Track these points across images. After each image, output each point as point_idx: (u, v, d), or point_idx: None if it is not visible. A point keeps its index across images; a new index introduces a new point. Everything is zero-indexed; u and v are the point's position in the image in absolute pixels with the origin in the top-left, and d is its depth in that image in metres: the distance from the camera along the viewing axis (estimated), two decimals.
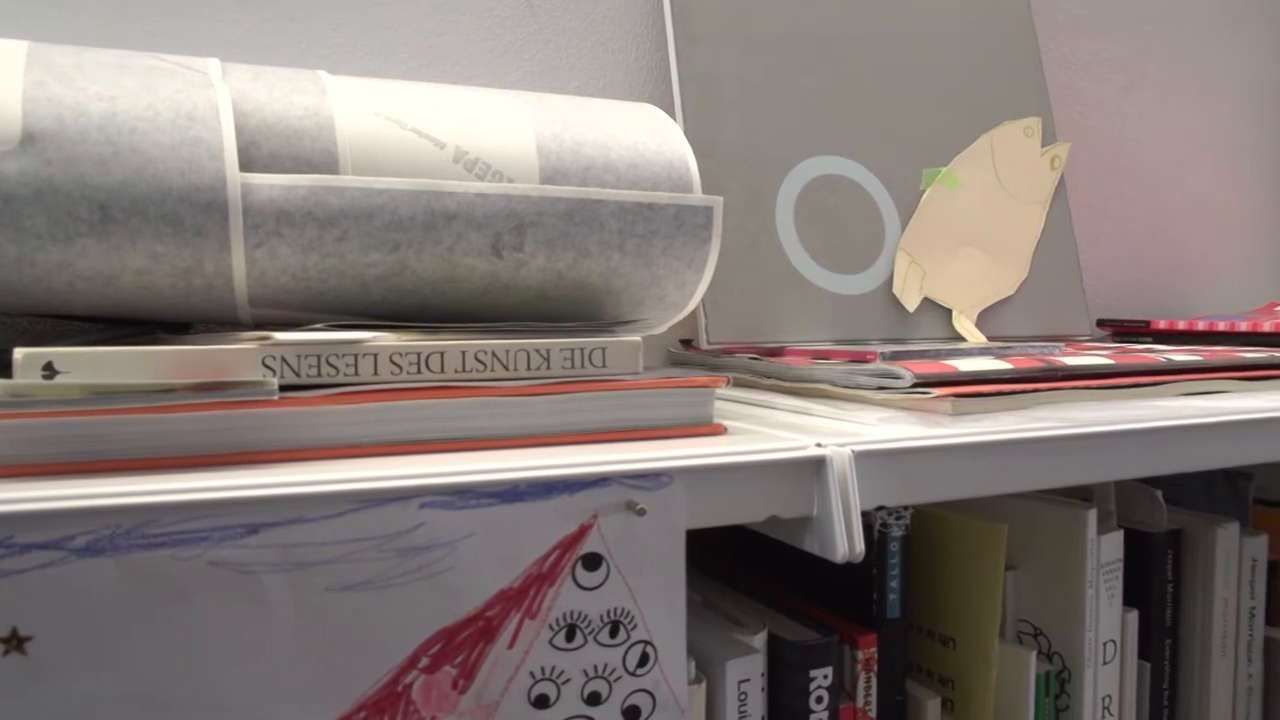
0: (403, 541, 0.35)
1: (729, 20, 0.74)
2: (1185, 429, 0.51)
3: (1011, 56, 0.86)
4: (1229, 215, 1.14)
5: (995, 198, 0.81)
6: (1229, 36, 1.13)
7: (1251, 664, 0.66)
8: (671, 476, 0.38)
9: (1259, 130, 1.16)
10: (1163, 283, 1.08)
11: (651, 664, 0.39)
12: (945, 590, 0.56)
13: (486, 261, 0.47)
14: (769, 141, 0.73)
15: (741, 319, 0.69)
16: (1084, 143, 1.01)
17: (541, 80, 0.74)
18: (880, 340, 0.73)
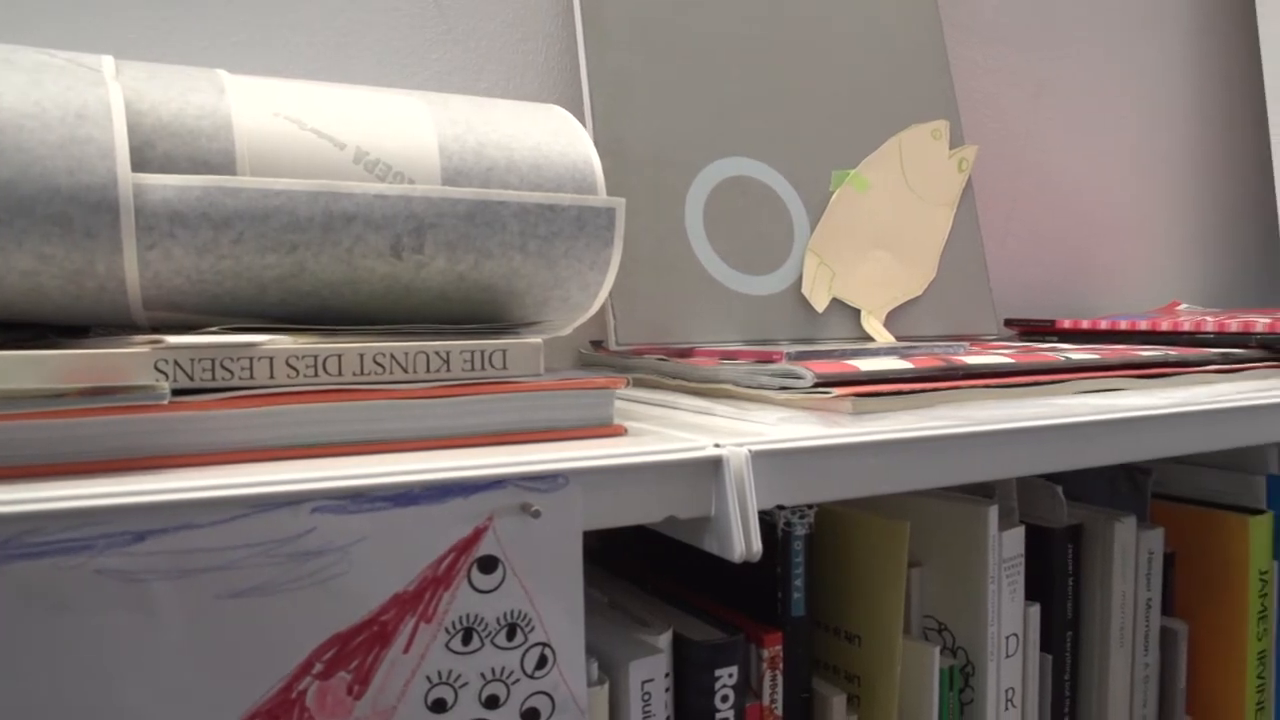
0: (294, 546, 0.35)
1: (639, 22, 0.74)
2: (1081, 426, 0.52)
3: (920, 60, 0.88)
4: (1134, 217, 1.17)
5: (903, 199, 0.82)
6: (1134, 44, 1.15)
7: (1148, 653, 0.67)
8: (567, 478, 0.38)
9: (1162, 135, 1.19)
10: (1069, 283, 1.11)
11: (550, 666, 0.39)
12: (850, 588, 0.57)
13: (386, 263, 0.46)
14: (679, 143, 0.73)
15: (650, 320, 0.69)
16: (992, 146, 1.03)
17: (451, 81, 0.74)
18: (790, 340, 0.74)
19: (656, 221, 0.71)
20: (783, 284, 0.75)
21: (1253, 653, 0.70)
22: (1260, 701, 0.70)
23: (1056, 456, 0.51)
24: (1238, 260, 1.28)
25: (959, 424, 0.47)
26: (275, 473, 0.35)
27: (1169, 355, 0.67)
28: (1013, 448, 0.48)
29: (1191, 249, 1.23)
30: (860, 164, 0.81)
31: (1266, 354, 0.74)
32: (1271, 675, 0.71)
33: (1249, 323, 0.76)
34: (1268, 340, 0.74)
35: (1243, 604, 0.69)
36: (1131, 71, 1.15)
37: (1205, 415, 0.58)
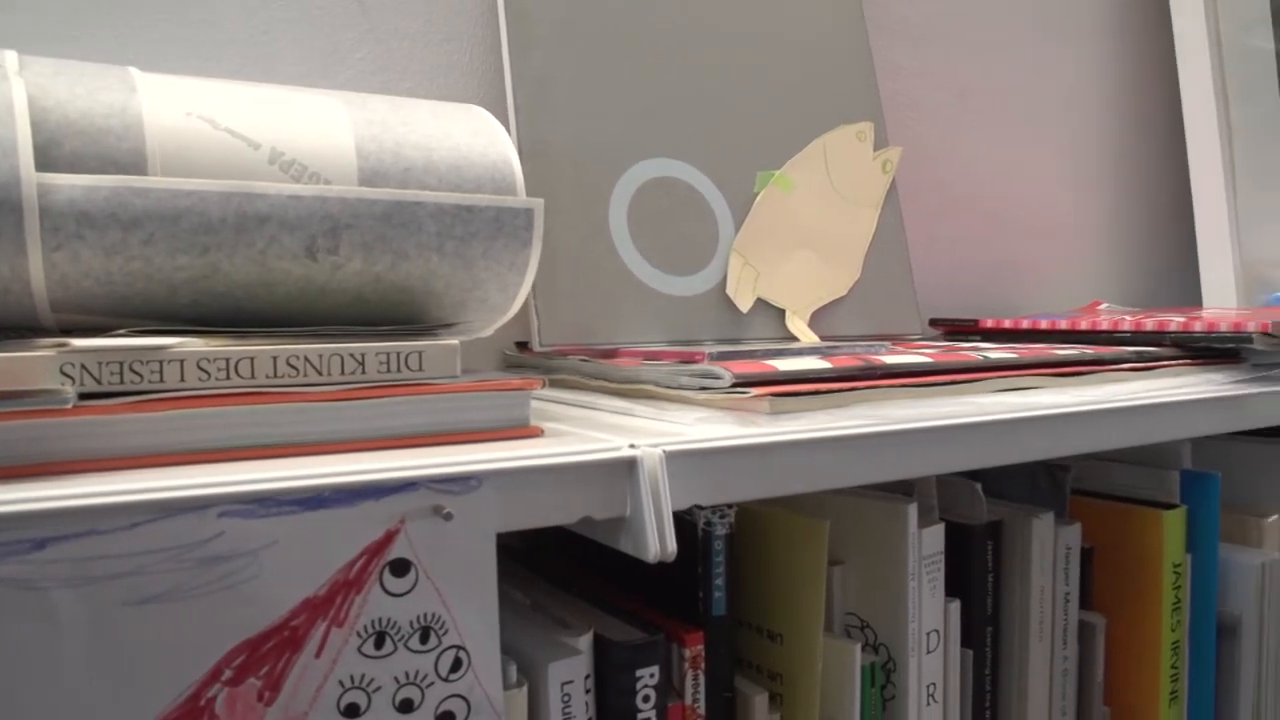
0: (202, 551, 0.34)
1: (564, 23, 0.74)
2: (997, 424, 0.52)
3: (845, 62, 0.89)
4: (1057, 218, 1.19)
5: (828, 200, 0.83)
6: (1054, 48, 1.17)
7: (1067, 646, 0.69)
8: (480, 480, 0.38)
9: (1084, 137, 1.21)
10: (994, 283, 1.12)
11: (465, 669, 0.39)
12: (771, 587, 0.57)
13: (301, 264, 0.46)
14: (603, 143, 0.73)
15: (574, 321, 0.69)
16: (917, 148, 1.04)
17: (373, 81, 0.73)
18: (715, 341, 0.74)
19: (580, 222, 0.71)
20: (707, 284, 0.76)
21: (1166, 644, 0.71)
22: (1174, 691, 0.72)
23: (972, 454, 0.52)
24: (1157, 260, 1.31)
25: (875, 423, 0.47)
26: (182, 477, 0.35)
27: (1085, 354, 0.69)
28: (928, 446, 0.49)
29: (1113, 249, 1.25)
30: (785, 165, 0.82)
31: (1180, 352, 0.75)
32: (1185, 665, 0.73)
33: (1164, 322, 0.78)
34: (1181, 339, 0.76)
35: (1157, 596, 0.71)
36: (1052, 75, 1.17)
37: (1119, 412, 0.59)
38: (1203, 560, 0.74)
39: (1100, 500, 0.74)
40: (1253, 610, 0.76)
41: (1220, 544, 0.76)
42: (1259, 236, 1.19)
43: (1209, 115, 1.18)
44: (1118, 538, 0.72)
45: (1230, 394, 0.65)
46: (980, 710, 0.66)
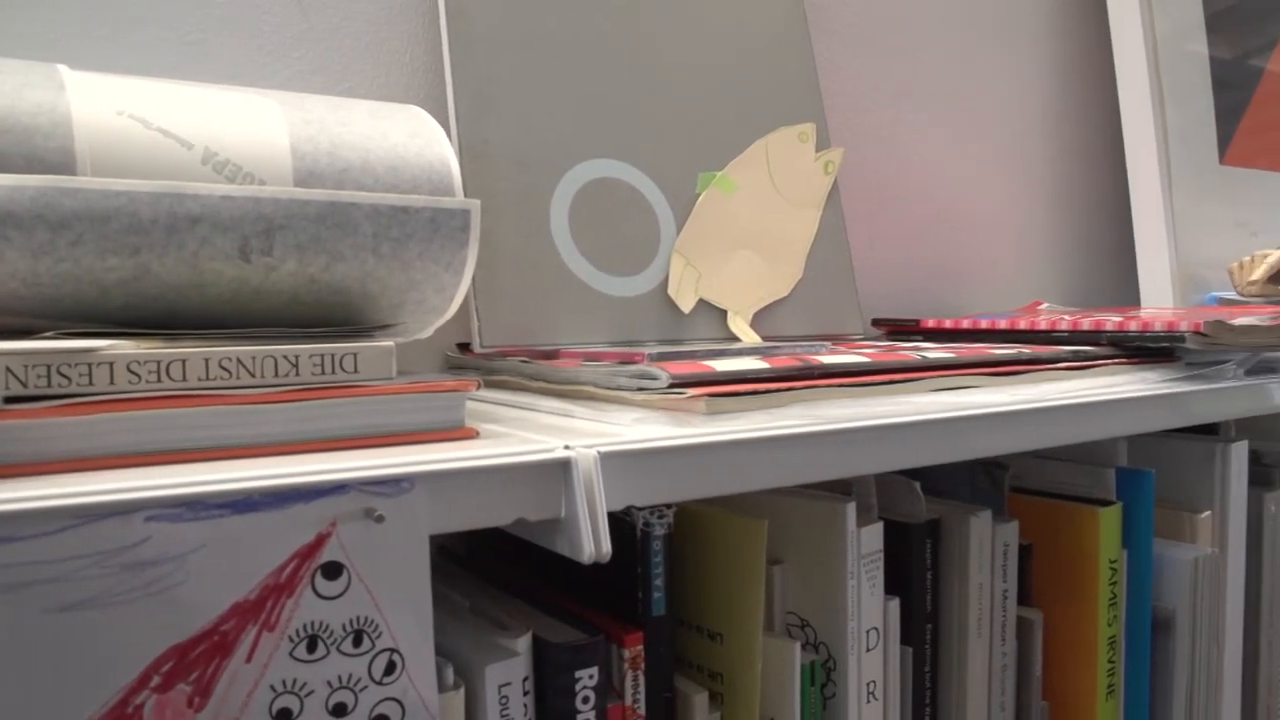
0: (128, 557, 0.34)
1: (505, 22, 0.74)
2: (932, 423, 0.53)
3: (787, 63, 0.89)
4: (998, 218, 1.20)
5: (770, 201, 0.84)
6: (995, 49, 1.19)
7: (1005, 643, 0.69)
8: (412, 482, 0.38)
9: (1024, 138, 1.23)
10: (937, 283, 1.13)
11: (399, 672, 0.39)
12: (711, 586, 0.57)
13: (234, 266, 0.45)
14: (544, 144, 0.73)
15: (516, 322, 0.69)
16: (859, 149, 1.05)
17: (313, 81, 0.72)
18: (656, 341, 0.75)
19: (522, 223, 0.71)
20: (649, 285, 0.76)
21: (1103, 639, 0.72)
22: (1111, 685, 0.73)
23: (909, 453, 0.52)
24: (1096, 261, 1.33)
25: (811, 423, 0.47)
26: (109, 481, 0.34)
27: (1023, 353, 0.70)
28: (864, 445, 0.49)
29: (1053, 249, 1.27)
30: (727, 166, 0.82)
31: (1115, 352, 0.76)
32: (1121, 659, 0.74)
33: (1100, 321, 0.79)
34: (1117, 338, 0.77)
35: (1094, 592, 0.72)
36: (993, 75, 1.19)
37: (1056, 411, 0.60)
38: (1138, 556, 0.75)
39: (1038, 498, 0.75)
40: (1186, 605, 0.77)
41: (1155, 540, 0.77)
42: (1195, 238, 1.21)
43: (1146, 119, 1.20)
44: (1055, 535, 0.73)
45: (1164, 392, 0.66)
46: (920, 707, 0.66)
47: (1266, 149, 1.36)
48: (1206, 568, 0.78)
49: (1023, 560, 0.74)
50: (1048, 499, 0.74)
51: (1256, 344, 0.75)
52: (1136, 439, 0.82)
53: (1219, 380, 0.72)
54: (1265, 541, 0.88)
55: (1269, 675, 0.89)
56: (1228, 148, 1.30)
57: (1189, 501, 0.82)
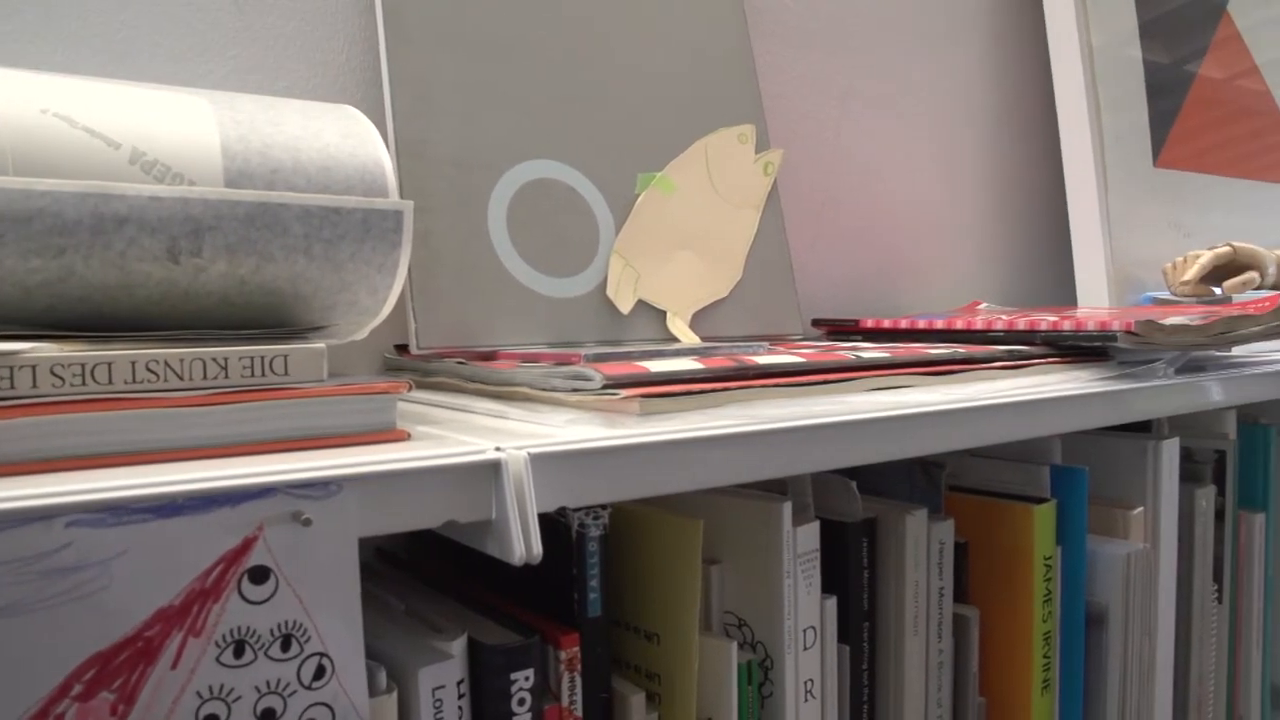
0: (48, 563, 0.33)
1: (443, 23, 0.74)
2: (867, 422, 0.53)
3: (727, 65, 0.89)
4: (939, 219, 1.21)
5: (709, 202, 0.84)
6: (935, 52, 1.20)
7: (942, 640, 0.70)
8: (340, 485, 0.37)
9: (964, 140, 1.24)
10: (878, 283, 1.14)
11: (328, 676, 0.38)
12: (647, 587, 0.58)
13: (162, 267, 0.45)
14: (482, 145, 0.73)
15: (453, 323, 0.69)
16: (800, 150, 1.06)
17: (248, 80, 0.72)
18: (595, 342, 0.75)
19: (460, 224, 0.71)
20: (588, 286, 0.76)
21: (1038, 634, 0.73)
22: (1046, 680, 0.74)
23: (842, 453, 0.52)
24: (1035, 261, 1.35)
25: (743, 423, 0.48)
26: (29, 486, 0.34)
27: (958, 353, 0.70)
28: (796, 445, 0.50)
29: (993, 250, 1.29)
30: (666, 167, 0.82)
31: (1050, 351, 0.77)
32: (1056, 655, 0.75)
33: (1035, 321, 0.80)
34: (1051, 338, 0.78)
35: (1028, 589, 0.73)
36: (933, 78, 1.20)
37: (990, 410, 0.60)
38: (1072, 552, 0.76)
39: (974, 496, 0.76)
40: (1119, 599, 0.79)
41: (1088, 536, 0.78)
42: (1130, 239, 1.23)
43: (1081, 123, 1.22)
44: (991, 532, 0.74)
45: (1097, 390, 0.67)
46: (858, 704, 0.67)
47: (1199, 152, 1.39)
48: (1139, 563, 0.80)
49: (959, 558, 0.75)
50: (984, 497, 0.75)
51: (1187, 343, 0.77)
52: (1070, 437, 0.83)
53: (1150, 379, 0.73)
54: (1197, 536, 0.89)
55: (1200, 667, 0.91)
56: (1161, 151, 1.32)
57: (1122, 498, 0.83)
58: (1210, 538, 0.91)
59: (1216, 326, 0.78)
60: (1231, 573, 0.95)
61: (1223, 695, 0.95)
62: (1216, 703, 0.93)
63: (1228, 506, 0.94)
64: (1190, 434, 0.94)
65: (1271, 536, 1.00)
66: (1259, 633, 0.98)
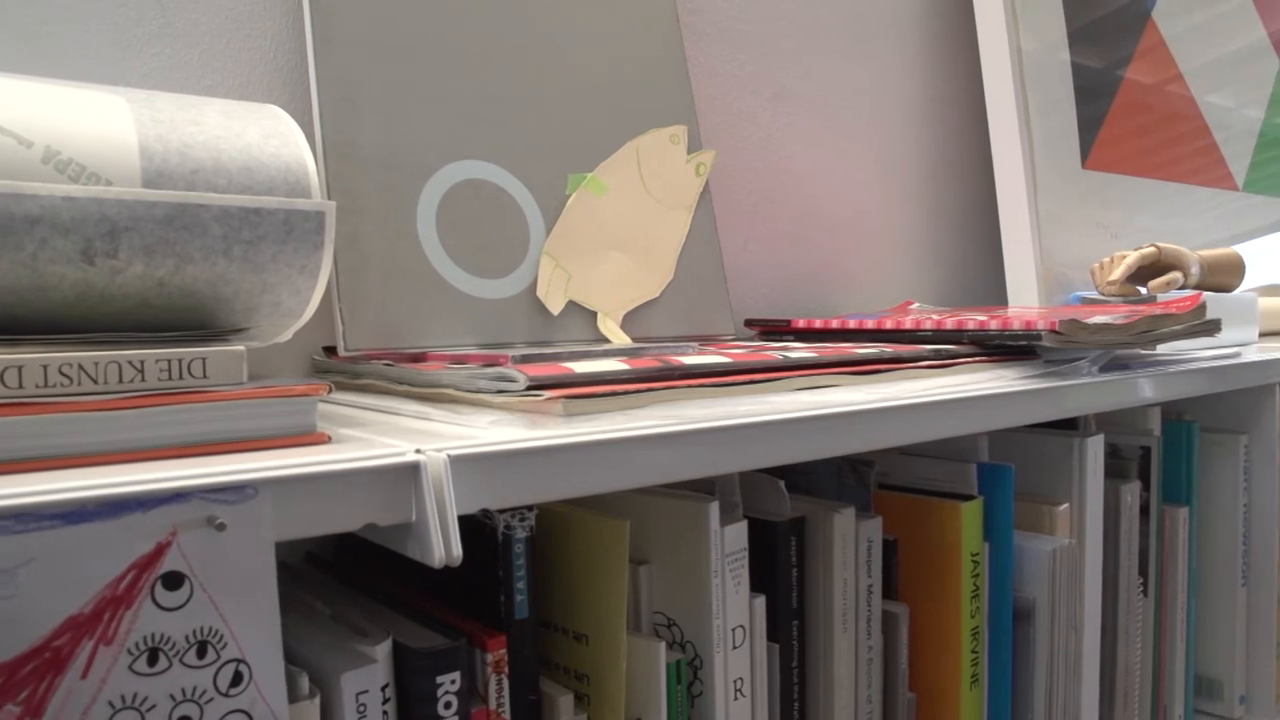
0: None
1: (371, 22, 0.73)
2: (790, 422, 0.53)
3: (659, 65, 0.90)
4: (871, 220, 1.22)
5: (641, 203, 0.84)
6: (868, 55, 1.21)
7: (871, 637, 0.71)
8: (256, 488, 0.37)
9: (896, 142, 1.25)
10: (811, 283, 1.15)
11: (246, 683, 0.38)
12: (575, 587, 0.58)
13: (77, 269, 0.44)
14: (411, 145, 0.73)
15: (382, 325, 0.68)
16: (733, 152, 1.06)
17: (171, 78, 0.71)
18: (525, 344, 0.74)
19: (388, 225, 0.70)
20: (518, 287, 0.76)
21: (966, 629, 0.74)
22: (975, 674, 0.75)
23: (767, 452, 0.53)
24: (966, 261, 1.36)
25: (665, 423, 0.48)
26: None
27: (885, 352, 0.71)
28: (720, 444, 0.50)
29: (925, 250, 1.30)
30: (598, 167, 0.82)
31: (976, 350, 0.78)
32: (984, 649, 0.76)
33: (962, 320, 0.81)
34: (978, 337, 0.79)
35: (956, 585, 0.74)
36: (866, 81, 1.21)
37: (912, 408, 0.61)
38: (999, 548, 0.77)
39: (903, 494, 0.77)
40: (1045, 594, 0.80)
41: (1015, 532, 0.79)
42: (1059, 240, 1.25)
43: (1011, 126, 1.23)
44: (919, 529, 0.75)
45: (1021, 389, 0.68)
46: (788, 702, 0.67)
47: (1126, 155, 1.41)
48: (1064, 558, 0.81)
49: (889, 555, 0.76)
50: (912, 495, 0.76)
51: (1110, 342, 0.78)
52: (997, 435, 0.84)
53: (1074, 377, 0.74)
54: (1122, 531, 0.91)
55: (1126, 659, 0.92)
56: (1090, 153, 1.34)
57: (1048, 494, 0.84)
58: (1136, 532, 0.93)
59: (1139, 325, 0.79)
60: (1157, 566, 0.97)
61: (1148, 686, 0.97)
62: (1142, 694, 0.95)
63: (1153, 501, 0.95)
64: (1116, 431, 0.96)
65: (1195, 530, 1.02)
66: (1183, 625, 1.00)
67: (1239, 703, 1.06)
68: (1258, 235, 1.69)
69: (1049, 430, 0.86)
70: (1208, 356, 0.93)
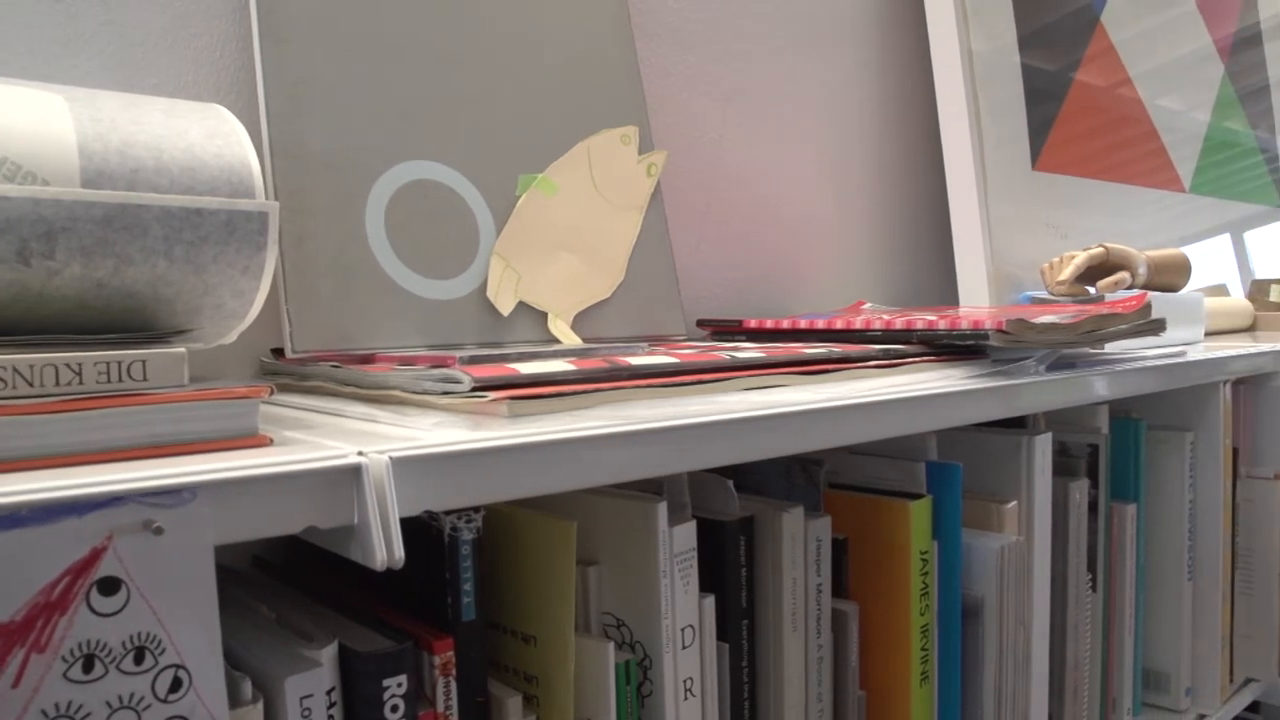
0: None
1: (319, 21, 0.72)
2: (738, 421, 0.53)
3: (610, 66, 0.90)
4: (825, 220, 1.23)
5: (592, 203, 0.84)
6: (820, 56, 1.22)
7: (821, 635, 0.71)
8: (194, 492, 0.36)
9: (849, 142, 1.26)
10: (764, 284, 1.16)
11: (185, 688, 0.38)
12: (523, 589, 0.57)
13: (12, 270, 0.43)
14: (360, 146, 0.72)
15: (330, 326, 0.68)
16: (685, 152, 1.07)
17: (115, 76, 0.70)
18: (476, 345, 0.74)
19: (336, 226, 0.70)
20: (468, 288, 0.75)
21: (916, 627, 0.75)
22: (924, 672, 0.76)
23: (714, 452, 0.53)
24: (919, 261, 1.37)
25: (610, 424, 0.48)
26: None
27: (832, 352, 0.71)
28: (666, 444, 0.50)
29: (877, 250, 1.31)
30: (548, 168, 0.82)
31: (925, 349, 0.79)
32: (934, 647, 0.77)
33: (911, 320, 0.81)
34: (926, 337, 0.80)
35: (906, 583, 0.74)
36: (818, 81, 1.22)
37: (858, 408, 0.61)
38: (948, 546, 0.78)
39: (852, 493, 0.77)
40: (993, 591, 0.81)
41: (964, 530, 0.80)
42: (1010, 240, 1.27)
43: (962, 128, 1.24)
44: (869, 528, 0.76)
45: (969, 388, 0.69)
46: (739, 701, 0.68)
47: (1075, 157, 1.43)
48: (1012, 555, 0.82)
49: (839, 554, 0.77)
50: (862, 494, 0.77)
51: (1057, 341, 0.79)
52: (946, 434, 0.85)
53: (1020, 376, 0.75)
54: (1071, 528, 0.92)
55: (1075, 654, 0.93)
56: (1040, 155, 1.36)
57: (996, 492, 0.85)
58: (1084, 529, 0.94)
59: (1085, 325, 0.80)
60: (1105, 562, 0.98)
61: (1097, 680, 0.98)
62: (1091, 687, 0.96)
63: (1101, 498, 0.96)
64: (1064, 429, 0.97)
65: (1143, 526, 1.04)
66: (1131, 619, 1.02)
67: (1185, 695, 1.08)
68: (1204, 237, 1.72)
69: (997, 429, 0.87)
70: (1154, 355, 0.94)
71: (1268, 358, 1.10)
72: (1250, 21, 1.92)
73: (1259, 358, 1.08)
